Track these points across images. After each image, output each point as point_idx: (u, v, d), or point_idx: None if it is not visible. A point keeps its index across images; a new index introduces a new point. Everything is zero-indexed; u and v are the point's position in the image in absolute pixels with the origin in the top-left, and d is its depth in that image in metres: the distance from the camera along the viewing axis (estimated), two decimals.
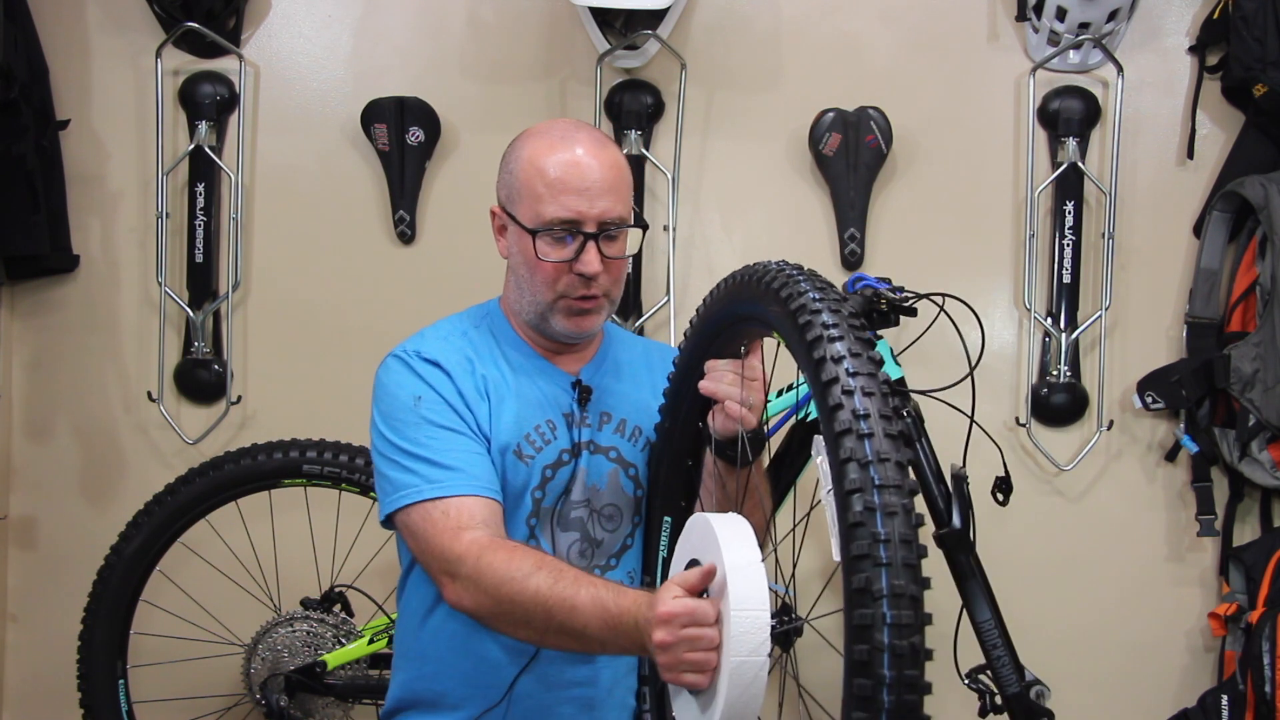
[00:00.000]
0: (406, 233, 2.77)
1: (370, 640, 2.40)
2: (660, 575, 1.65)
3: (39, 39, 2.72)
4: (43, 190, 2.67)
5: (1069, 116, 2.68)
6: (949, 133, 2.75)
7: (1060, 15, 2.61)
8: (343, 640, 2.44)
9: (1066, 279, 2.69)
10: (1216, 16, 2.63)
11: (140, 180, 2.80)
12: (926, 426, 2.08)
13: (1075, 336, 2.69)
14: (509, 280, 1.70)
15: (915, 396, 2.09)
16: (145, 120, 2.78)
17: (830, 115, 2.67)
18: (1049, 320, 2.70)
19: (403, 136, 2.72)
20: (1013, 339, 2.74)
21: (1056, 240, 2.70)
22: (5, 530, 2.83)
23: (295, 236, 2.81)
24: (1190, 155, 2.70)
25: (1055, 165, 2.71)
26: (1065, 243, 2.69)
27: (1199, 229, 2.69)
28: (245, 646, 2.48)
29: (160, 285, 2.75)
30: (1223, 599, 2.64)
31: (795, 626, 1.24)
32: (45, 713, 2.79)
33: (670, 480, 1.64)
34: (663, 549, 1.65)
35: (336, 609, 2.47)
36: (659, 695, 1.62)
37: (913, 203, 2.75)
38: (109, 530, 2.47)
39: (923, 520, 1.07)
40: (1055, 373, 2.69)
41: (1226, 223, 2.64)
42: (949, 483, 2.03)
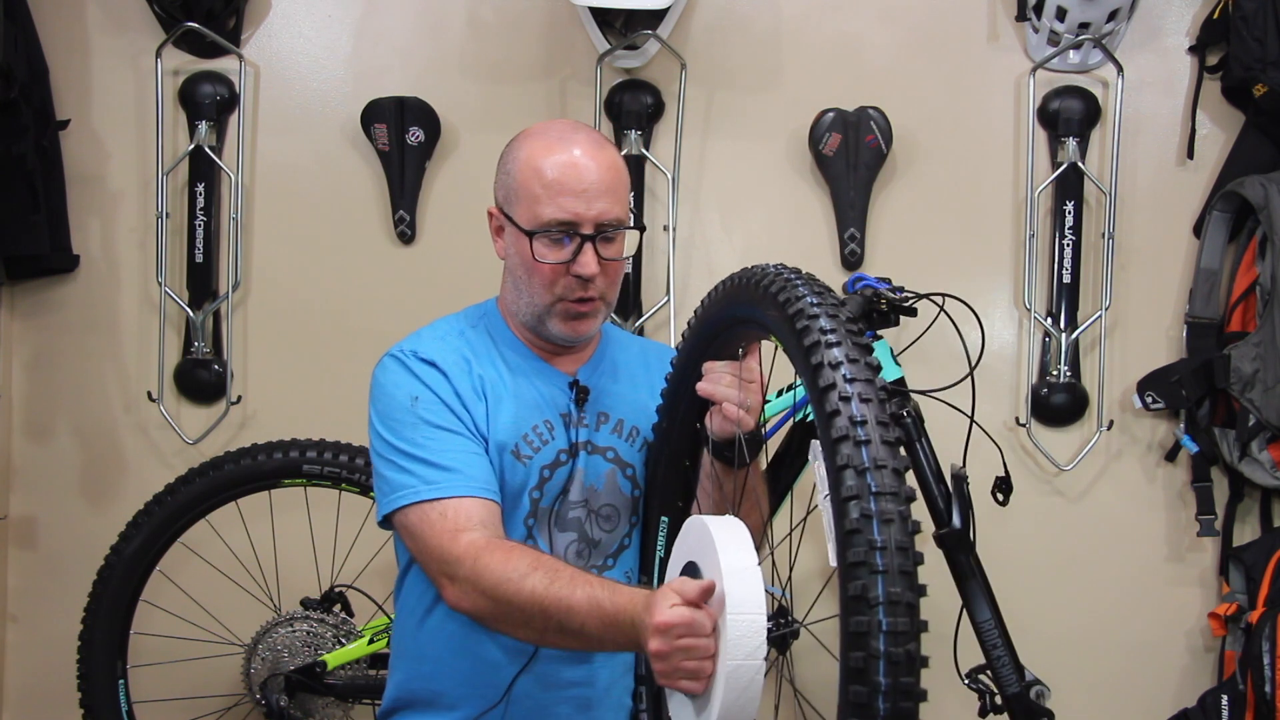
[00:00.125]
0: (406, 233, 2.77)
1: (370, 640, 2.40)
2: (657, 575, 1.65)
3: (39, 39, 2.72)
4: (43, 190, 2.67)
5: (1069, 116, 2.68)
6: (949, 133, 2.75)
7: (1060, 15, 2.61)
8: (343, 640, 2.44)
9: (1066, 279, 2.69)
10: (1216, 16, 2.63)
11: (140, 180, 2.80)
12: (926, 426, 2.07)
13: (1075, 336, 2.69)
14: (506, 281, 1.70)
15: (915, 396, 2.08)
16: (145, 120, 2.78)
17: (830, 115, 2.67)
18: (1049, 320, 2.70)
19: (403, 136, 2.72)
20: (1013, 339, 2.74)
21: (1056, 240, 2.70)
22: (5, 530, 2.83)
23: (295, 236, 2.81)
24: (1190, 155, 2.70)
25: (1055, 165, 2.70)
26: (1065, 243, 2.69)
27: (1199, 229, 2.69)
28: (245, 646, 2.48)
29: (160, 285, 2.75)
30: (1223, 599, 2.64)
31: (792, 630, 1.23)
32: (45, 713, 2.79)
33: (668, 481, 1.64)
34: (660, 549, 1.65)
35: (336, 609, 2.47)
36: (656, 695, 1.62)
37: (913, 203, 2.75)
38: (109, 530, 2.47)
39: (919, 527, 1.06)
40: (1055, 373, 2.69)
41: (1226, 223, 2.64)
42: (949, 483, 2.03)
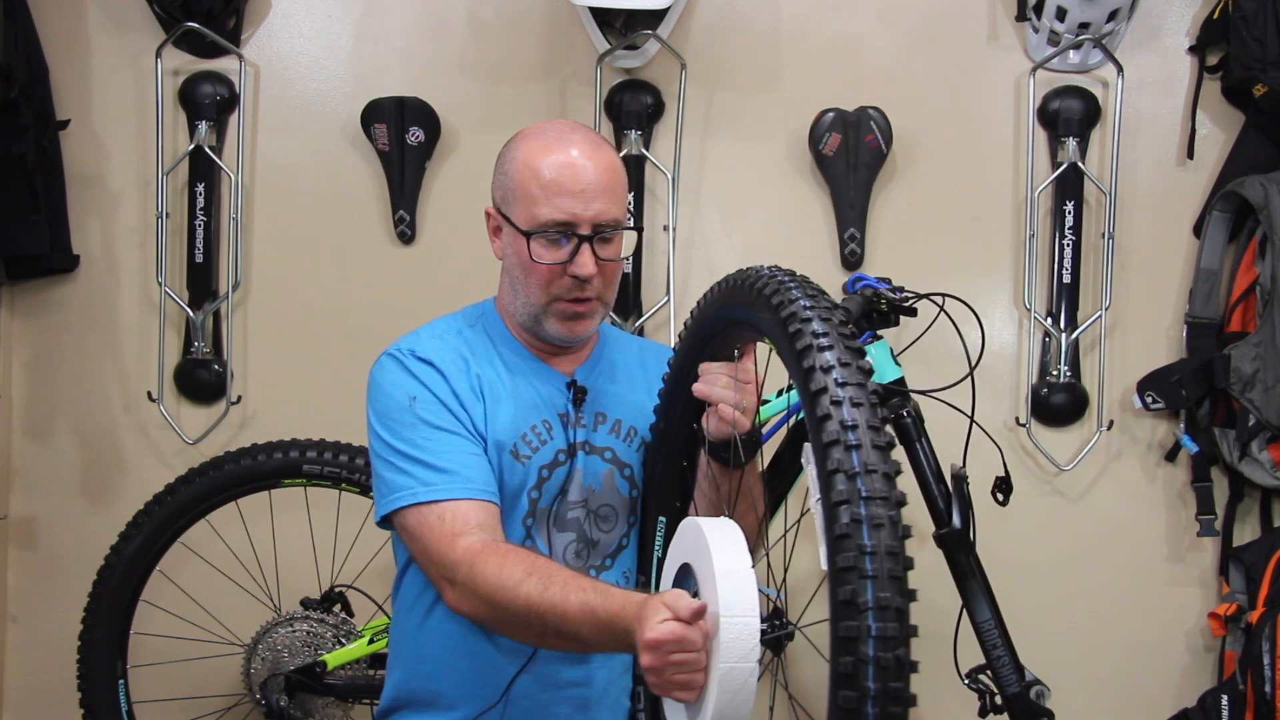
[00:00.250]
0: (406, 233, 2.77)
1: (370, 640, 2.40)
2: (655, 575, 1.65)
3: (39, 39, 2.72)
4: (43, 190, 2.67)
5: (1069, 116, 2.68)
6: (949, 133, 2.75)
7: (1060, 15, 2.61)
8: (343, 640, 2.44)
9: (1066, 279, 2.69)
10: (1216, 16, 2.63)
11: (140, 180, 2.80)
12: (926, 426, 2.07)
13: (1075, 336, 2.69)
14: (503, 281, 1.70)
15: (915, 396, 2.08)
16: (145, 120, 2.78)
17: (830, 115, 2.67)
18: (1049, 320, 2.69)
19: (403, 136, 2.72)
20: (1013, 339, 2.74)
21: (1056, 240, 2.70)
22: (5, 530, 2.83)
23: (295, 236, 2.80)
24: (1190, 155, 2.70)
25: (1055, 165, 2.70)
26: (1065, 243, 2.69)
27: (1199, 229, 2.69)
28: (245, 646, 2.48)
29: (160, 285, 2.75)
30: (1223, 599, 2.64)
31: (786, 632, 1.22)
32: (45, 713, 2.79)
33: (665, 481, 1.64)
34: (658, 549, 1.65)
35: (336, 609, 2.47)
36: (655, 697, 1.62)
37: (913, 203, 2.75)
38: (109, 530, 2.47)
39: (910, 531, 1.06)
40: (1055, 373, 2.69)
41: (1226, 223, 2.64)
42: (949, 483, 2.03)
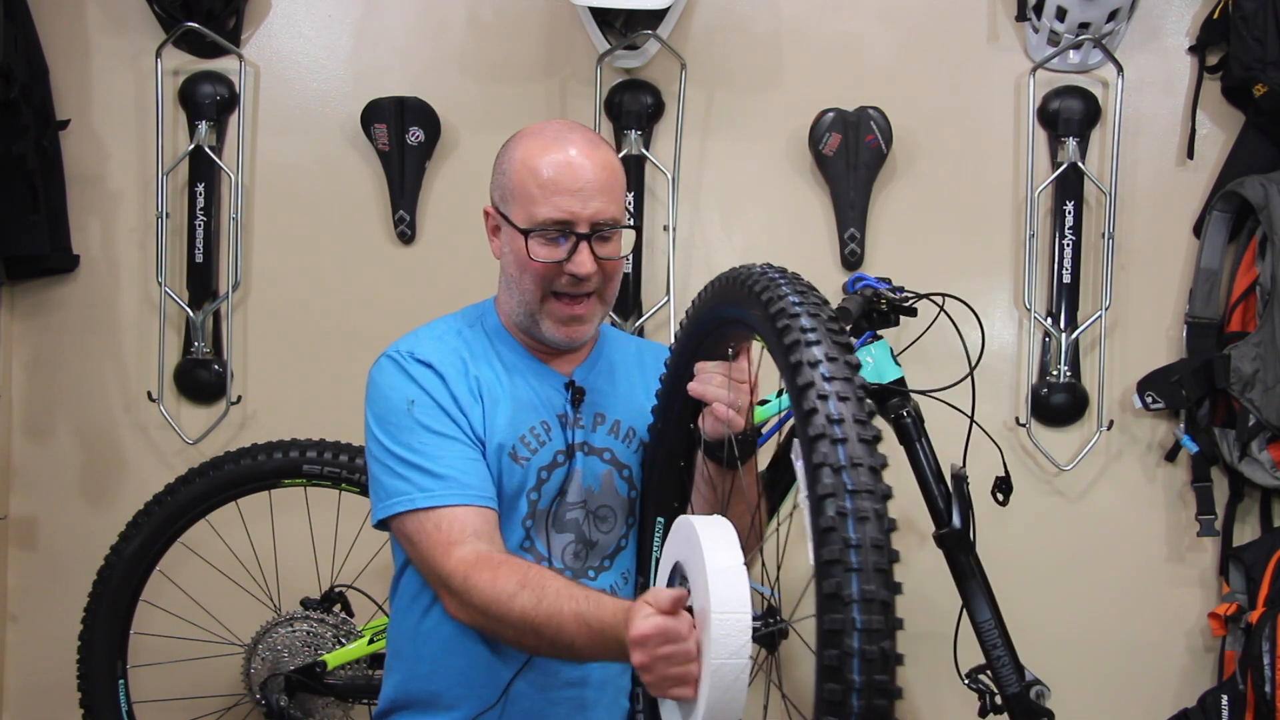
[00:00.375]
0: (406, 233, 2.77)
1: (370, 640, 2.40)
2: (654, 576, 1.65)
3: (39, 39, 2.72)
4: (43, 190, 2.67)
5: (1069, 116, 2.68)
6: (949, 133, 2.75)
7: (1060, 15, 2.61)
8: (343, 640, 2.44)
9: (1066, 279, 2.69)
10: (1216, 16, 2.63)
11: (140, 180, 2.80)
12: (926, 426, 2.08)
13: (1075, 336, 2.69)
14: (501, 281, 1.69)
15: (915, 396, 2.09)
16: (145, 120, 2.78)
17: (830, 115, 2.67)
18: (1049, 320, 2.70)
19: (403, 136, 2.72)
20: (1013, 339, 2.74)
21: (1056, 240, 2.70)
22: (5, 530, 2.83)
23: (295, 236, 2.80)
24: (1190, 155, 2.70)
25: (1055, 165, 2.70)
26: (1065, 243, 2.69)
27: (1199, 229, 2.69)
28: (245, 646, 2.48)
29: (160, 285, 2.75)
30: (1223, 599, 2.64)
31: (779, 629, 1.22)
32: (45, 713, 2.79)
33: (663, 481, 1.64)
34: (656, 549, 1.65)
35: (336, 609, 2.47)
36: (652, 699, 1.62)
37: (913, 203, 2.75)
38: (109, 530, 2.47)
39: (896, 525, 1.06)
40: (1055, 373, 2.69)
41: (1226, 223, 2.64)
42: (949, 483, 2.03)
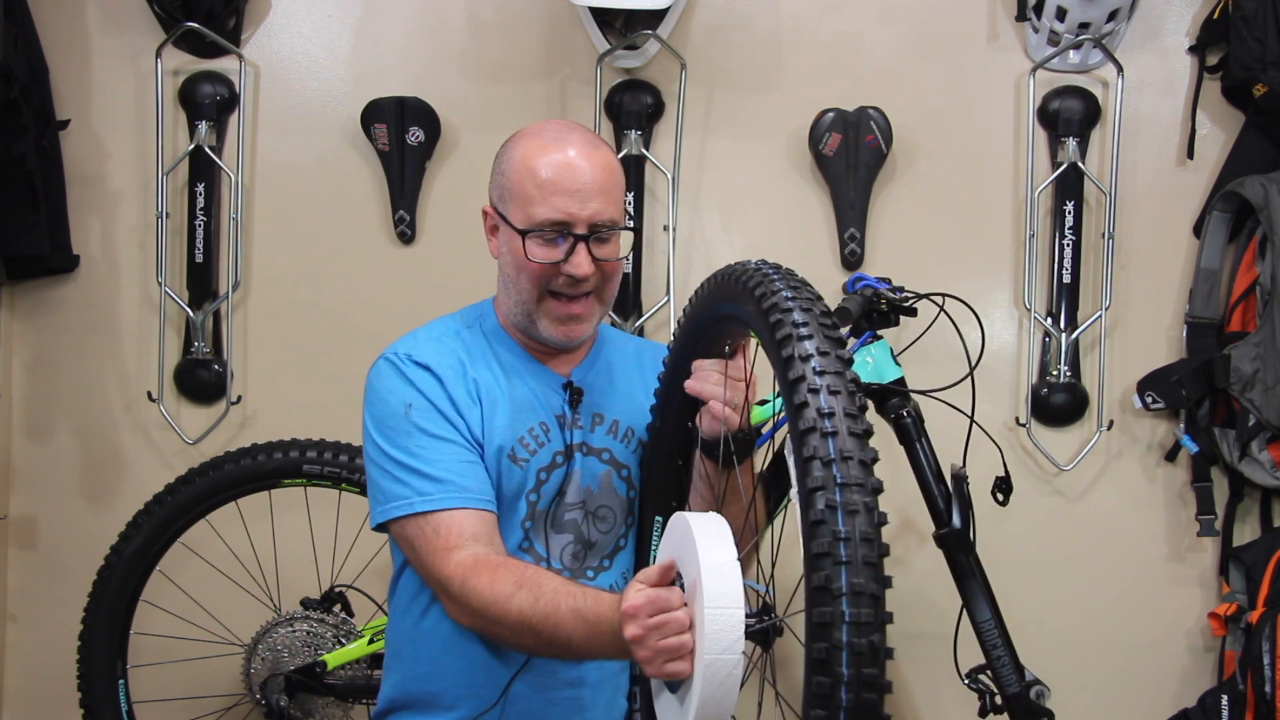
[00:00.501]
0: (406, 233, 2.77)
1: (370, 640, 2.40)
2: None
3: (39, 39, 2.72)
4: (43, 190, 2.67)
5: (1069, 116, 2.68)
6: (949, 133, 2.75)
7: (1060, 15, 2.61)
8: (343, 640, 2.44)
9: (1066, 279, 2.69)
10: (1216, 16, 2.63)
11: (140, 180, 2.80)
12: (926, 426, 2.07)
13: (1075, 336, 2.69)
14: (500, 281, 1.70)
15: (915, 396, 2.09)
16: (145, 120, 2.78)
17: (830, 115, 2.67)
18: (1049, 320, 2.70)
19: (403, 136, 2.72)
20: (1013, 339, 2.74)
21: (1056, 240, 2.70)
22: (5, 530, 2.83)
23: (295, 236, 2.80)
24: (1190, 155, 2.70)
25: (1055, 165, 2.70)
26: (1065, 243, 2.69)
27: (1199, 229, 2.69)
28: (245, 646, 2.48)
29: (160, 285, 2.75)
30: (1223, 599, 2.64)
31: (772, 625, 1.23)
32: (45, 713, 2.79)
33: (662, 481, 1.64)
34: (654, 549, 1.65)
35: (336, 609, 2.47)
36: (649, 696, 1.62)
37: (913, 203, 2.75)
38: (109, 530, 2.47)
39: (886, 518, 1.06)
40: (1055, 373, 2.69)
41: (1226, 223, 2.64)
42: (949, 483, 2.03)
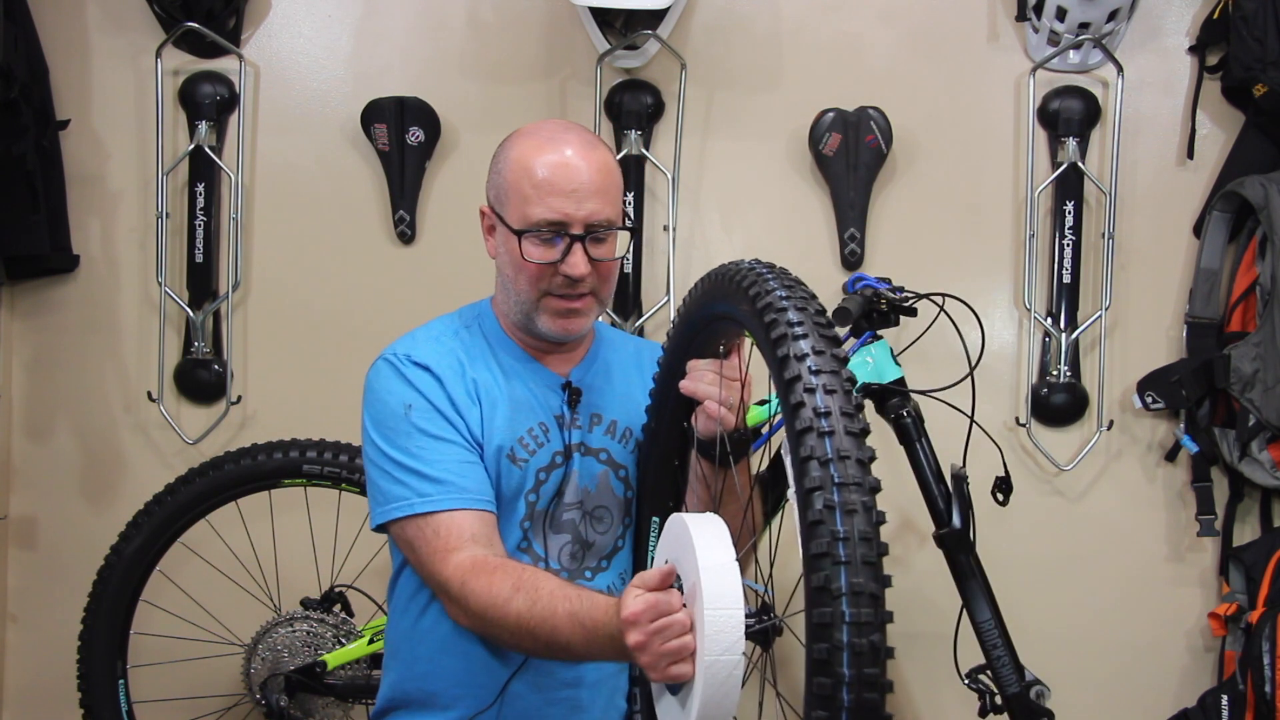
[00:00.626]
0: (406, 233, 2.77)
1: (370, 640, 2.40)
2: None
3: (39, 39, 2.72)
4: (43, 190, 2.67)
5: (1069, 116, 2.68)
6: (949, 133, 2.75)
7: (1060, 15, 2.61)
8: (343, 640, 2.44)
9: (1066, 279, 2.69)
10: (1216, 16, 2.63)
11: (140, 180, 2.80)
12: (926, 426, 2.07)
13: (1075, 336, 2.68)
14: (497, 280, 1.69)
15: (915, 396, 2.09)
16: (145, 120, 2.78)
17: (830, 115, 2.67)
18: (1049, 320, 2.69)
19: (403, 136, 2.72)
20: (1013, 339, 2.74)
21: (1056, 240, 2.70)
22: (5, 530, 2.83)
23: (295, 236, 2.80)
24: (1190, 155, 2.69)
25: (1055, 165, 2.70)
26: (1065, 243, 2.69)
27: (1199, 229, 2.69)
28: (245, 646, 2.48)
29: (160, 285, 2.75)
30: (1223, 599, 2.64)
31: (772, 625, 1.22)
32: (45, 713, 2.79)
33: (659, 481, 1.64)
34: (652, 550, 1.65)
35: (336, 609, 2.47)
36: (649, 696, 1.62)
37: (913, 203, 2.75)
38: (109, 530, 2.47)
39: (884, 518, 1.06)
40: (1055, 373, 2.69)
41: (1226, 223, 2.64)
42: (949, 483, 2.03)
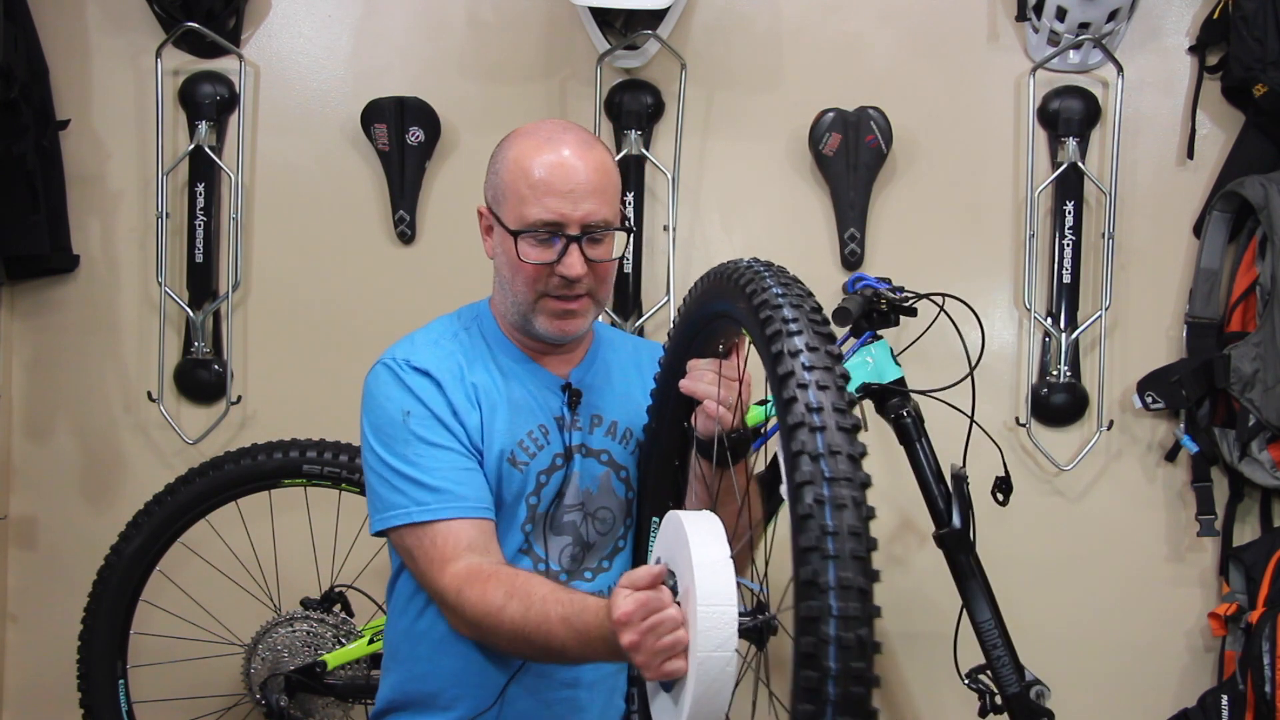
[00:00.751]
0: (406, 233, 2.77)
1: (370, 640, 2.40)
2: None
3: (39, 39, 2.72)
4: (43, 190, 2.67)
5: (1069, 116, 2.68)
6: (949, 133, 2.75)
7: (1060, 15, 2.61)
8: (343, 640, 2.44)
9: (1066, 279, 2.69)
10: (1216, 16, 2.63)
11: (140, 180, 2.80)
12: (926, 426, 2.08)
13: (1075, 336, 2.69)
14: (495, 281, 1.69)
15: (915, 396, 2.09)
16: (145, 120, 2.78)
17: (830, 115, 2.67)
18: (1049, 320, 2.70)
19: (403, 136, 2.72)
20: (1013, 339, 2.74)
21: (1056, 240, 2.70)
22: (5, 530, 2.83)
23: (295, 236, 2.81)
24: (1190, 155, 2.70)
25: (1055, 165, 2.70)
26: (1065, 243, 2.69)
27: (1199, 229, 2.69)
28: (245, 646, 2.48)
29: (160, 285, 2.75)
30: (1223, 599, 2.64)
31: (767, 623, 1.22)
32: (45, 713, 2.79)
33: (659, 481, 1.63)
34: (651, 550, 1.65)
35: (336, 609, 2.47)
36: (646, 697, 1.62)
37: (913, 203, 2.75)
38: (109, 530, 2.47)
39: (875, 513, 1.05)
40: (1055, 373, 2.69)
41: (1226, 223, 2.64)
42: (949, 483, 2.03)
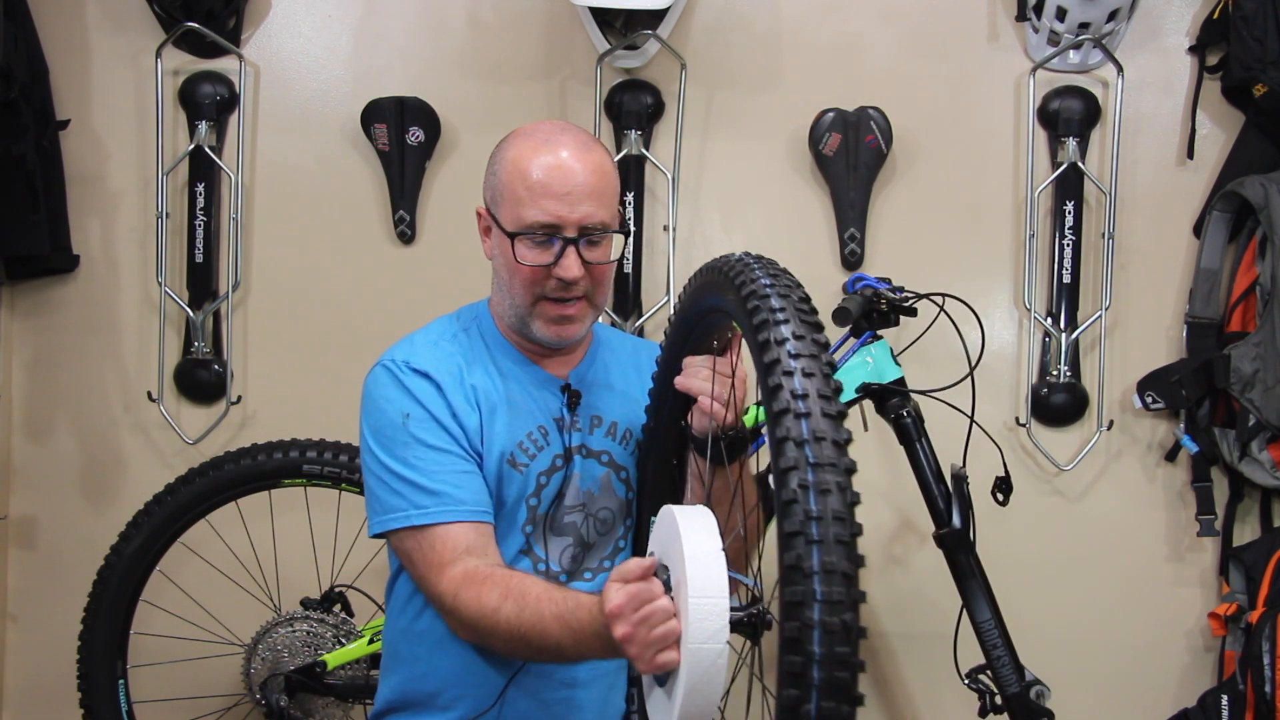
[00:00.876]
0: (406, 233, 2.77)
1: (370, 640, 2.40)
2: None
3: (39, 39, 2.72)
4: (43, 190, 2.67)
5: (1069, 116, 2.68)
6: (949, 133, 2.75)
7: (1060, 15, 2.61)
8: (343, 640, 2.44)
9: (1066, 279, 2.69)
10: (1216, 16, 2.63)
11: (140, 180, 2.80)
12: (926, 426, 2.08)
13: (1075, 336, 2.69)
14: (494, 282, 1.69)
15: (915, 396, 2.09)
16: (145, 120, 2.78)
17: (830, 115, 2.67)
18: (1049, 320, 2.70)
19: (403, 136, 2.72)
20: (1013, 339, 2.74)
21: (1056, 240, 2.70)
22: (5, 530, 2.83)
23: (295, 236, 2.81)
24: (1190, 155, 2.70)
25: (1055, 165, 2.70)
26: (1065, 243, 2.69)
27: (1199, 229, 2.69)
28: (245, 646, 2.48)
29: (160, 285, 2.75)
30: (1223, 599, 2.64)
31: (761, 617, 1.22)
32: (45, 713, 2.79)
33: (658, 480, 1.64)
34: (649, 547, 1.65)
35: (336, 609, 2.47)
36: (643, 699, 1.63)
37: (913, 203, 2.75)
38: (109, 530, 2.47)
39: (859, 498, 1.06)
40: (1055, 373, 2.69)
41: (1226, 223, 2.64)
42: (949, 483, 2.03)
